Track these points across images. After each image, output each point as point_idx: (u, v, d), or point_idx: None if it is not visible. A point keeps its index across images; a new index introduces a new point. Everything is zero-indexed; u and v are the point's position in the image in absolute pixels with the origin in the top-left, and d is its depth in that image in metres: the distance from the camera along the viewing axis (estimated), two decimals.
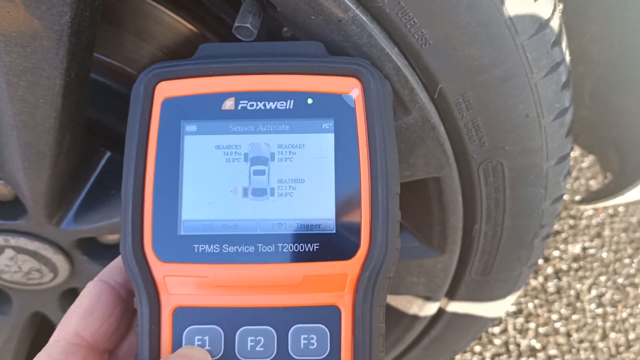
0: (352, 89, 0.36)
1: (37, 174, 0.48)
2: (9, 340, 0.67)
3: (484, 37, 0.39)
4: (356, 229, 0.35)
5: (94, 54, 0.50)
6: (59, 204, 0.53)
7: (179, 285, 0.35)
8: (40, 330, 0.70)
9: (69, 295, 0.64)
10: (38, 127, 0.43)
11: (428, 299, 0.65)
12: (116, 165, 0.54)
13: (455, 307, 0.66)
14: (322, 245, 0.35)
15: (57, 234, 0.55)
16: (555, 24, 0.42)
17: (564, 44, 0.44)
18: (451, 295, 0.65)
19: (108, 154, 0.54)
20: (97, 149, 0.54)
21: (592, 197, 0.88)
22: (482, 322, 0.70)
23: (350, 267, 0.35)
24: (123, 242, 0.35)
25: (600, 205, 0.86)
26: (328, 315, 0.35)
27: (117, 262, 0.40)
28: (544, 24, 0.41)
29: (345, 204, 0.35)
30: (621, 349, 1.19)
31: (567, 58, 0.45)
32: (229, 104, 0.37)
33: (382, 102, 0.36)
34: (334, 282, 0.35)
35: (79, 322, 0.36)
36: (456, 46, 0.40)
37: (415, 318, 0.68)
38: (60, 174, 0.49)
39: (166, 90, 0.37)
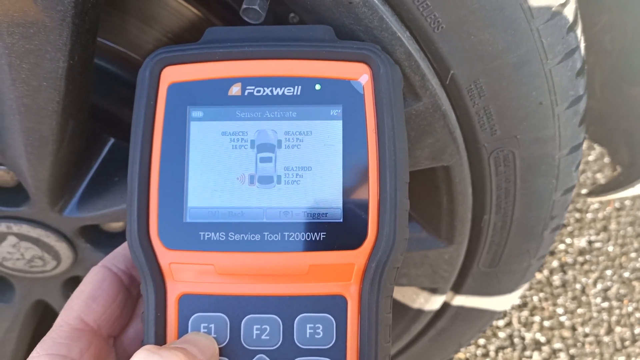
0: (361, 75, 0.36)
1: (40, 160, 0.47)
2: (11, 329, 0.67)
3: (498, 21, 0.39)
4: (363, 218, 0.35)
5: (97, 39, 0.49)
6: (62, 190, 0.52)
7: (185, 272, 0.35)
8: (43, 318, 0.70)
9: (72, 283, 0.63)
10: (41, 111, 0.43)
11: (434, 291, 0.65)
12: (120, 152, 0.53)
13: (462, 299, 0.66)
14: (329, 234, 0.35)
15: (60, 221, 0.54)
16: (570, 8, 0.41)
17: (579, 30, 0.43)
18: (458, 287, 0.64)
19: (112, 140, 0.53)
20: (100, 136, 0.53)
21: (600, 189, 0.87)
22: (489, 315, 0.70)
23: (357, 257, 0.35)
24: (129, 229, 0.35)
25: (608, 197, 0.85)
26: (334, 305, 0.35)
27: (122, 248, 0.40)
28: (559, 9, 0.40)
29: (353, 192, 0.35)
30: (626, 343, 1.18)
31: (582, 44, 0.44)
32: (235, 90, 0.36)
33: (392, 88, 0.35)
34: (341, 272, 0.35)
35: (83, 308, 0.36)
36: (470, 30, 0.39)
37: (421, 310, 0.67)
38: (64, 160, 0.49)
39: (172, 75, 0.36)
